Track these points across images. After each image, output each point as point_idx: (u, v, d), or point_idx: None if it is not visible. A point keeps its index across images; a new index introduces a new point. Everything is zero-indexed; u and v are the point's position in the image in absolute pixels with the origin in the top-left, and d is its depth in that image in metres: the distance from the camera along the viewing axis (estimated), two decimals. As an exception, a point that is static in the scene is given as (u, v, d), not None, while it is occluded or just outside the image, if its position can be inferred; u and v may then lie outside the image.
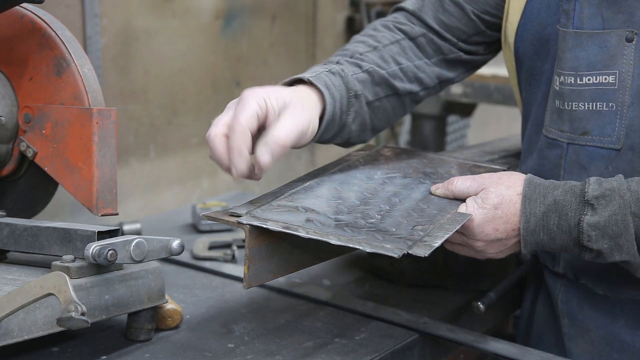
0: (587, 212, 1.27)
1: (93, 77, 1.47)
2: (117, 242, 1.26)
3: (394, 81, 1.54)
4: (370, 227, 1.25)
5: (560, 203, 1.30)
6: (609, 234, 1.26)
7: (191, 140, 2.98)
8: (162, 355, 1.36)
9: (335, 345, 1.41)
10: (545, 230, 1.31)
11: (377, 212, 1.31)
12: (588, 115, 1.40)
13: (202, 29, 2.99)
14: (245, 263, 1.20)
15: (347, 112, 1.46)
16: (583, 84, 1.39)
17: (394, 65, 1.55)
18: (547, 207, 1.30)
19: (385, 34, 1.59)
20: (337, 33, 3.77)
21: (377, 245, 1.20)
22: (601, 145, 1.39)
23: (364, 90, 1.49)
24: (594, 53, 1.38)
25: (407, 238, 1.22)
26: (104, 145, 1.43)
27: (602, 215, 1.26)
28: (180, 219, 2.13)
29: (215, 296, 1.62)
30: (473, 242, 1.36)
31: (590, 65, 1.38)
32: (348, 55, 1.53)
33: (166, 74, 2.85)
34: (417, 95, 1.60)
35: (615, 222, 1.26)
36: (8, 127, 1.50)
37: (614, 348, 1.46)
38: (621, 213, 1.26)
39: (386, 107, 1.56)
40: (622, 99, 1.36)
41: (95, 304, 1.27)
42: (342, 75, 1.46)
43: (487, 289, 1.61)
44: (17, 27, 1.51)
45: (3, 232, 1.40)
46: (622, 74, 1.35)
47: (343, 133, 1.48)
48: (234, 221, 1.22)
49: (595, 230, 1.26)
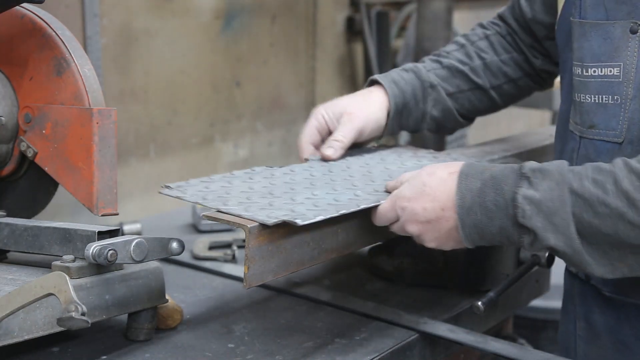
0: (522, 185, 1.20)
1: (93, 77, 1.47)
2: (117, 242, 1.26)
3: (473, 76, 1.73)
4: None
5: (497, 177, 1.24)
6: (544, 210, 1.18)
7: (191, 140, 2.98)
8: (162, 355, 1.36)
9: (335, 345, 1.41)
10: (482, 209, 1.24)
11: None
12: (595, 108, 1.37)
13: (202, 29, 2.99)
14: (245, 263, 1.20)
15: (423, 100, 1.69)
16: (589, 76, 1.38)
17: (477, 60, 1.74)
18: (484, 182, 1.24)
19: (477, 31, 1.80)
20: (337, 33, 3.77)
21: None
22: (607, 139, 1.36)
23: (442, 82, 1.71)
24: (598, 44, 1.36)
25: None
26: (104, 145, 1.43)
27: (537, 189, 1.19)
28: (180, 219, 2.13)
29: (215, 296, 1.63)
30: (407, 225, 1.31)
31: (595, 56, 1.36)
32: (436, 54, 1.78)
33: (166, 74, 2.86)
34: (501, 88, 1.76)
35: (550, 198, 1.18)
36: (8, 127, 1.50)
37: (623, 355, 1.43)
38: (558, 189, 1.18)
39: (471, 99, 1.75)
40: (626, 91, 1.33)
41: (96, 304, 1.27)
42: (414, 71, 1.70)
43: (487, 289, 1.61)
44: (17, 27, 1.51)
45: (3, 232, 1.40)
46: (626, 66, 1.33)
47: (426, 119, 1.71)
48: (233, 221, 1.22)
49: (530, 205, 1.19)
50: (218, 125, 3.07)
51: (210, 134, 3.05)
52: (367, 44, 3.79)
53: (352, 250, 1.40)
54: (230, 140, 3.17)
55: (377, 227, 1.41)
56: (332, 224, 1.32)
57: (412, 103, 1.67)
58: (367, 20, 3.80)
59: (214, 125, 3.06)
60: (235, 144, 3.20)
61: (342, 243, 1.36)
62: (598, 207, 1.16)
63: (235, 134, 3.18)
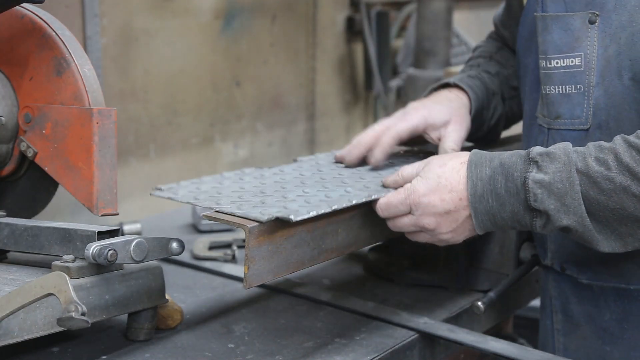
0: (532, 170, 1.24)
1: (93, 77, 1.47)
2: (117, 242, 1.26)
3: (513, 82, 1.72)
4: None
5: (506, 164, 1.27)
6: (555, 192, 1.22)
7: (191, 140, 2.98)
8: (162, 355, 1.36)
9: (335, 345, 1.41)
10: (494, 195, 1.27)
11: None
12: (559, 98, 1.41)
13: (202, 29, 2.99)
14: (245, 263, 1.20)
15: (487, 108, 1.68)
16: (552, 67, 1.41)
17: (510, 68, 1.74)
18: (493, 169, 1.28)
19: (490, 44, 1.81)
20: (337, 33, 3.77)
21: None
22: (572, 128, 1.40)
23: (497, 89, 1.70)
24: (559, 36, 1.40)
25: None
26: (104, 145, 1.43)
27: (546, 172, 1.23)
28: (180, 219, 2.13)
29: (215, 296, 1.63)
30: (422, 219, 1.32)
31: (557, 48, 1.40)
32: (474, 65, 1.75)
33: (166, 74, 2.85)
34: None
35: (560, 179, 1.22)
36: (8, 127, 1.50)
37: (605, 341, 1.45)
38: (566, 170, 1.22)
39: (512, 106, 1.74)
40: (589, 80, 1.37)
41: (96, 304, 1.27)
42: (479, 78, 1.68)
43: (487, 289, 1.61)
44: (17, 27, 1.51)
45: (3, 232, 1.40)
46: (587, 55, 1.37)
47: (483, 127, 1.69)
48: (233, 221, 1.23)
49: (540, 188, 1.22)
50: (218, 125, 3.07)
51: (210, 134, 3.05)
52: (367, 44, 3.79)
53: (352, 250, 1.40)
54: (230, 140, 3.17)
55: (377, 227, 1.42)
56: (332, 224, 1.32)
57: (479, 111, 1.66)
58: (367, 20, 3.80)
59: (214, 125, 3.06)
60: (235, 144, 3.20)
61: (342, 243, 1.36)
62: (603, 184, 1.20)
63: (235, 134, 3.18)
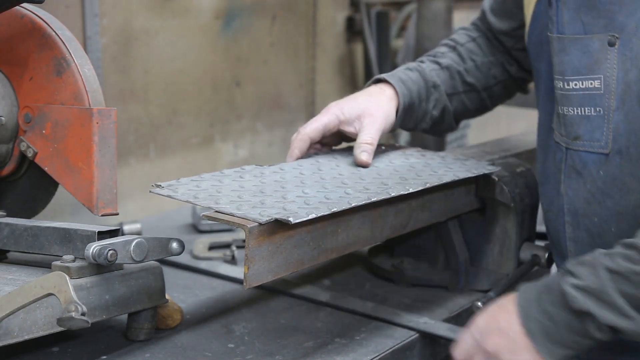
0: (567, 278, 1.26)
1: (93, 77, 1.47)
2: (117, 242, 1.26)
3: (468, 77, 1.74)
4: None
5: (548, 284, 1.28)
6: (590, 291, 1.23)
7: (191, 140, 2.98)
8: (162, 355, 1.36)
9: (335, 345, 1.41)
10: (543, 314, 1.27)
11: None
12: (578, 120, 1.40)
13: (202, 29, 2.99)
14: (245, 263, 1.20)
15: (426, 100, 1.70)
16: (570, 89, 1.40)
17: (469, 61, 1.76)
18: (539, 292, 1.28)
19: (462, 35, 1.82)
20: (337, 33, 3.77)
21: None
22: (592, 150, 1.39)
23: (442, 83, 1.72)
24: (577, 58, 1.38)
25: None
26: (104, 145, 1.43)
27: (580, 277, 1.24)
28: (180, 219, 2.13)
29: (215, 296, 1.62)
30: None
31: (575, 70, 1.38)
32: (431, 55, 1.78)
33: (166, 74, 2.86)
34: (491, 89, 1.78)
35: (593, 280, 1.23)
36: (8, 127, 1.50)
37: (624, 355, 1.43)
38: (595, 271, 1.24)
39: (464, 100, 1.76)
40: (609, 103, 1.35)
41: (96, 304, 1.27)
42: (419, 70, 1.70)
43: (487, 289, 1.61)
44: (17, 27, 1.51)
45: (3, 232, 1.40)
46: (607, 78, 1.35)
47: (426, 119, 1.71)
48: (233, 221, 1.22)
49: (576, 289, 1.24)
50: (218, 125, 3.07)
51: (210, 134, 3.05)
52: (367, 44, 3.79)
53: (352, 250, 1.40)
54: (230, 140, 3.17)
55: (377, 227, 1.42)
56: (332, 224, 1.32)
57: (417, 102, 1.68)
58: (367, 20, 3.80)
59: (214, 125, 3.06)
60: (235, 144, 3.20)
61: (342, 243, 1.36)
62: (633, 277, 1.21)
63: (235, 134, 3.18)
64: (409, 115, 1.68)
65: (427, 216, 1.54)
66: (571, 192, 1.44)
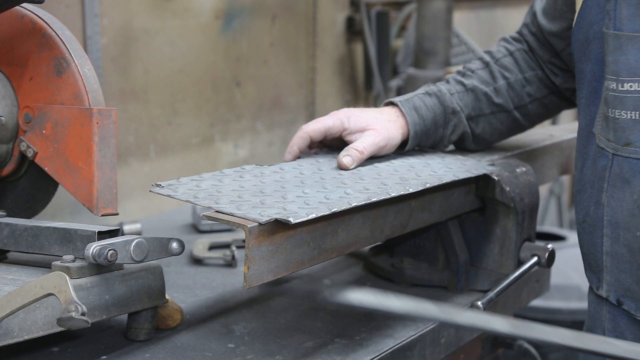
0: None
1: (93, 77, 1.47)
2: (117, 242, 1.26)
3: (496, 98, 1.69)
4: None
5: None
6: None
7: (191, 140, 2.98)
8: (162, 355, 1.36)
9: (335, 345, 1.41)
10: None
11: None
12: (631, 124, 1.30)
13: (202, 29, 3.00)
14: (245, 263, 1.20)
15: (444, 126, 1.67)
16: (625, 91, 1.30)
17: (501, 80, 1.70)
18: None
19: (501, 48, 1.75)
20: (337, 33, 3.77)
21: None
22: None
23: (464, 107, 1.68)
24: (635, 58, 1.29)
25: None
26: (104, 145, 1.43)
27: None
28: (180, 219, 2.13)
29: (215, 296, 1.63)
30: None
31: (631, 71, 1.29)
32: (461, 72, 1.73)
33: (166, 74, 2.86)
34: (526, 108, 1.71)
35: None
36: (8, 127, 1.50)
37: None
38: None
39: (492, 122, 1.71)
40: None
41: (96, 304, 1.27)
42: (438, 95, 1.66)
43: (487, 289, 1.61)
44: (17, 27, 1.51)
45: (3, 232, 1.40)
46: None
47: (444, 141, 1.70)
48: (233, 221, 1.22)
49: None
50: (218, 125, 3.07)
51: (210, 134, 3.06)
52: (367, 44, 3.79)
53: (352, 250, 1.40)
54: (230, 140, 3.17)
55: (377, 227, 1.42)
56: (332, 224, 1.32)
57: (432, 129, 1.65)
58: (367, 20, 3.80)
59: (214, 125, 3.06)
60: (235, 144, 3.20)
61: (342, 243, 1.36)
62: None
63: (235, 134, 3.18)
64: (424, 140, 1.65)
65: (427, 216, 1.54)
66: (614, 202, 1.35)
